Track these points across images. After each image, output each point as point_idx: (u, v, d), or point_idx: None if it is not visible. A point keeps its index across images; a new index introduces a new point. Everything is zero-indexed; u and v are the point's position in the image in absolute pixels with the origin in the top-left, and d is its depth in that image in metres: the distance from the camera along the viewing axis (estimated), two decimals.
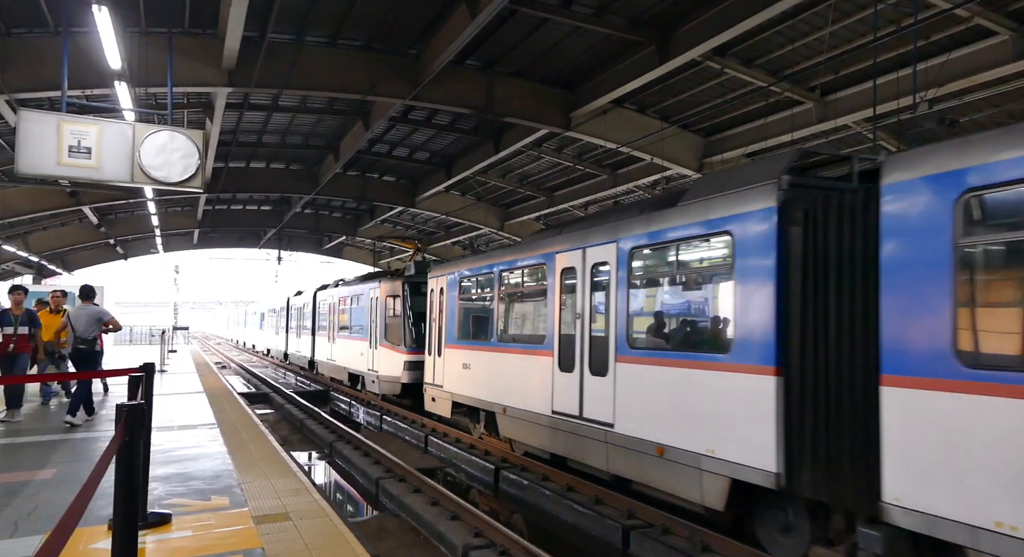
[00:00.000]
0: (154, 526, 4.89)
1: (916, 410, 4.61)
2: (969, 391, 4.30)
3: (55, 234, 29.20)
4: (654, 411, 7.14)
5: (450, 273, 12.53)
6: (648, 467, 7.19)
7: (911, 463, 4.61)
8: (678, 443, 6.72)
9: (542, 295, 9.46)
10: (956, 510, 4.33)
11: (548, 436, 9.16)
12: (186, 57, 11.88)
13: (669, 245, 7.16)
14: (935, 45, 10.52)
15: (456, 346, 12.06)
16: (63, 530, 1.66)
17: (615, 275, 7.82)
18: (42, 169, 7.06)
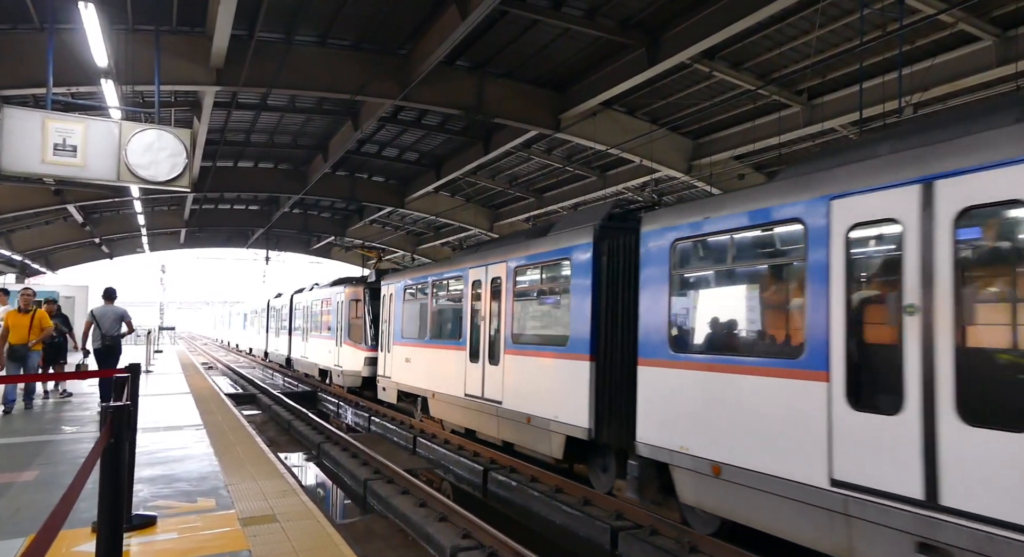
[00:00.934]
0: (139, 528, 4.84)
1: (650, 380, 6.96)
2: (675, 367, 6.65)
3: (39, 232, 28.87)
4: (526, 390, 9.42)
5: (398, 281, 14.75)
6: (522, 432, 9.44)
7: (647, 414, 7.01)
8: (538, 413, 9.04)
9: (459, 301, 11.56)
10: (664, 441, 6.76)
11: (462, 414, 11.28)
12: (174, 55, 11.78)
13: (537, 265, 9.47)
14: (920, 50, 10.65)
15: (401, 343, 14.28)
16: (48, 532, 1.63)
17: (505, 287, 10.04)
18: (26, 167, 6.96)
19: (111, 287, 11.47)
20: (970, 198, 4.30)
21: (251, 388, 22.92)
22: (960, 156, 4.37)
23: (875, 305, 5.06)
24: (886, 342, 4.88)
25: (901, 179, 4.71)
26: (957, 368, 4.28)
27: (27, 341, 10.47)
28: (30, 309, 10.73)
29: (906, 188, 4.67)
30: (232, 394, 19.71)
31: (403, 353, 14.08)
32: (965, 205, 4.32)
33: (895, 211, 4.75)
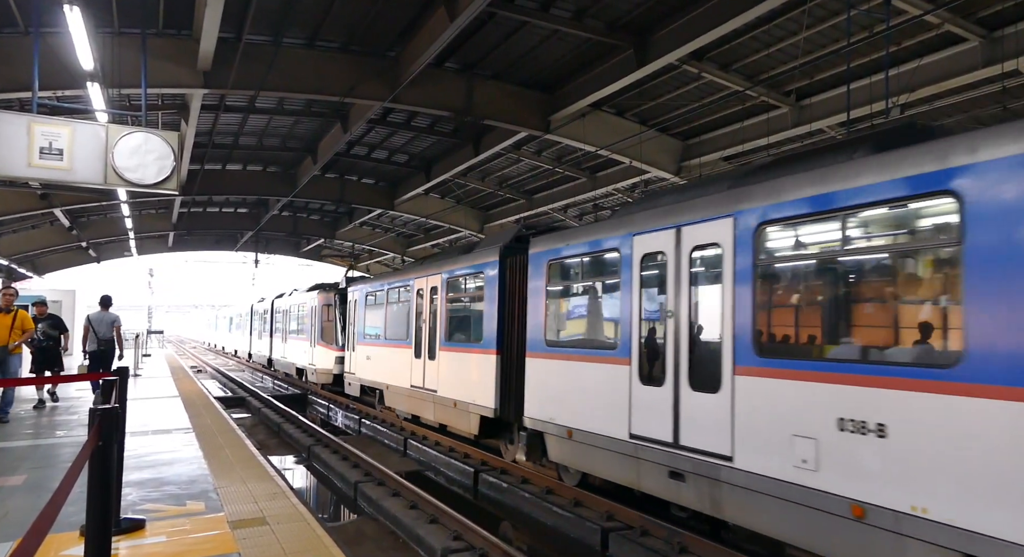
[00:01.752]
0: (127, 532, 4.81)
1: (533, 369, 9.01)
2: (547, 358, 8.68)
3: (25, 237, 28.59)
4: (454, 380, 11.37)
5: (360, 288, 16.79)
6: (450, 414, 11.38)
7: (531, 395, 9.02)
8: (461, 397, 11.00)
9: (407, 306, 13.47)
10: (541, 415, 8.78)
11: (409, 402, 13.21)
12: (160, 58, 11.71)
13: (462, 277, 11.52)
14: (906, 51, 10.75)
15: (362, 343, 16.22)
16: (35, 535, 1.62)
17: (440, 295, 12.05)
18: (12, 171, 6.90)
19: (107, 295, 12.58)
20: (696, 240, 6.47)
21: (240, 391, 22.80)
22: (692, 212, 6.56)
23: (652, 310, 7.17)
24: (658, 337, 6.98)
25: (666, 224, 6.88)
26: (690, 355, 6.48)
27: (7, 343, 9.99)
28: (11, 309, 10.24)
29: (668, 231, 6.84)
30: (221, 397, 19.60)
31: (364, 352, 16.03)
32: (694, 244, 6.49)
33: (663, 246, 6.90)
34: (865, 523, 4.72)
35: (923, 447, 4.43)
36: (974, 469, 4.12)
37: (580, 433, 7.96)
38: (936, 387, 4.36)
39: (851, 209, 5.07)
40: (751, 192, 5.95)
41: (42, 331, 11.34)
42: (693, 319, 6.51)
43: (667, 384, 6.66)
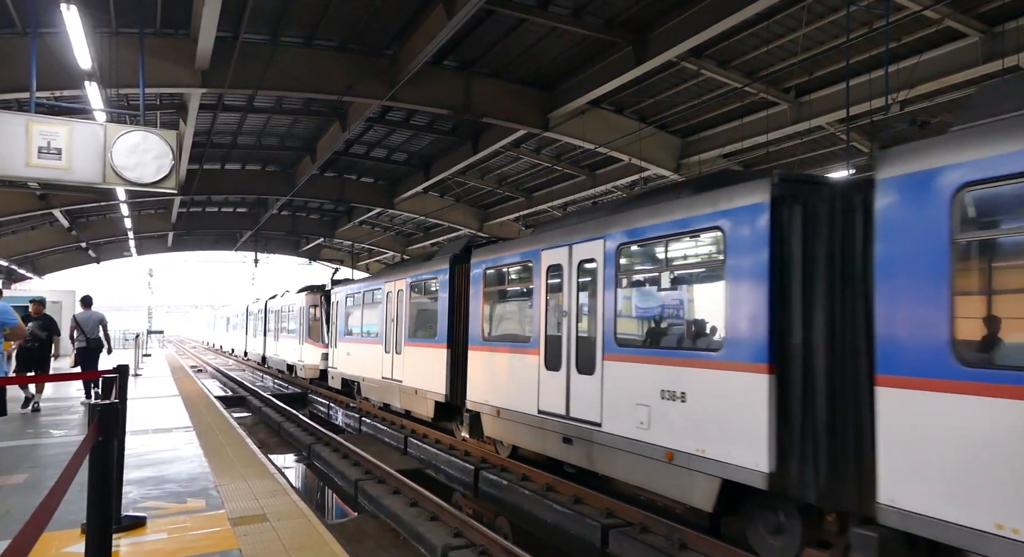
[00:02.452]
0: (128, 529, 4.82)
1: (473, 359, 10.57)
2: (482, 350, 10.37)
3: (24, 238, 28.59)
4: (416, 371, 12.78)
5: (342, 291, 18.22)
6: (413, 401, 12.88)
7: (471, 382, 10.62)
8: (420, 386, 12.46)
9: (379, 307, 14.95)
10: (478, 398, 10.41)
11: (381, 392, 14.67)
12: (158, 58, 11.71)
13: (422, 282, 12.94)
14: (906, 47, 10.73)
15: (344, 341, 17.62)
16: (33, 528, 1.62)
17: (405, 297, 13.59)
18: (10, 170, 6.88)
19: (88, 295, 12.68)
20: (581, 255, 8.18)
21: (241, 391, 22.80)
22: (580, 234, 8.24)
23: (554, 311, 8.79)
24: (558, 333, 8.56)
25: (563, 243, 8.56)
26: (576, 346, 8.18)
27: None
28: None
29: (564, 248, 8.53)
30: (221, 397, 19.60)
31: (345, 348, 17.50)
32: (580, 259, 8.19)
33: (561, 260, 8.58)
34: (673, 464, 6.52)
35: (704, 407, 6.26)
36: (729, 420, 5.95)
37: (506, 412, 9.67)
38: (712, 365, 6.20)
39: (670, 236, 6.94)
40: (615, 220, 7.72)
41: (31, 331, 10.51)
42: (579, 317, 8.28)
43: (562, 369, 8.45)
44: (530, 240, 9.46)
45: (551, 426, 8.51)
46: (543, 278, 8.90)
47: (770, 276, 5.69)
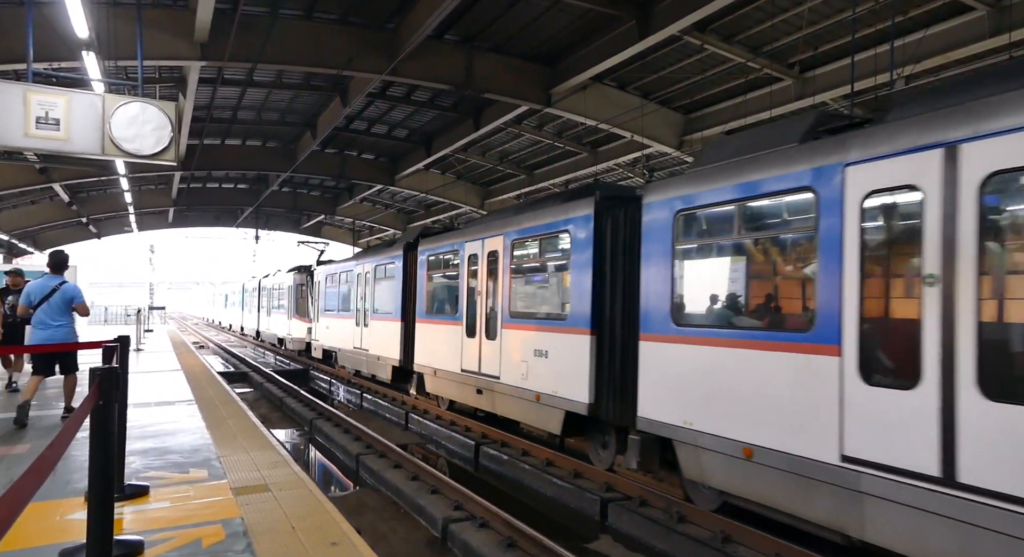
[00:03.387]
0: (131, 498, 4.87)
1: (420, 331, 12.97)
2: (425, 323, 12.75)
3: (24, 212, 28.52)
4: (378, 341, 15.10)
5: (323, 270, 20.58)
6: (376, 367, 15.21)
7: (418, 350, 12.93)
8: (382, 354, 14.83)
9: (352, 287, 17.34)
10: (422, 362, 12.99)
11: (354, 360, 17.00)
12: (156, 30, 11.57)
13: (384, 265, 15.15)
14: (913, 21, 10.57)
15: (324, 316, 20.04)
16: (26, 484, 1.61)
17: (371, 278, 15.83)
18: (8, 141, 6.83)
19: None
20: (489, 248, 10.45)
21: (242, 366, 22.93)
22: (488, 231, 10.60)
23: (472, 291, 10.91)
24: (475, 308, 10.83)
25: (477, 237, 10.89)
26: (486, 318, 10.44)
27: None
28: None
29: (478, 241, 10.79)
30: (223, 372, 19.72)
31: (325, 323, 19.82)
32: (489, 250, 10.42)
33: (476, 251, 10.87)
34: (540, 403, 8.91)
35: (557, 361, 8.63)
36: (569, 369, 8.34)
37: (441, 371, 12.04)
38: (562, 331, 8.58)
39: (541, 235, 9.32)
40: (512, 221, 9.98)
41: (11, 305, 9.77)
42: (488, 296, 10.48)
43: (476, 336, 10.79)
44: (458, 234, 11.85)
45: (470, 381, 10.94)
46: (465, 265, 11.24)
47: (594, 266, 8.04)
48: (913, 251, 4.74)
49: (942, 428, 4.39)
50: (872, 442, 4.82)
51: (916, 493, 4.49)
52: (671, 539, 6.53)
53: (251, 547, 4.04)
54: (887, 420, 4.74)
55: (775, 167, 5.78)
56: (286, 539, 4.21)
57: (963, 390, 4.31)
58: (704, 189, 6.45)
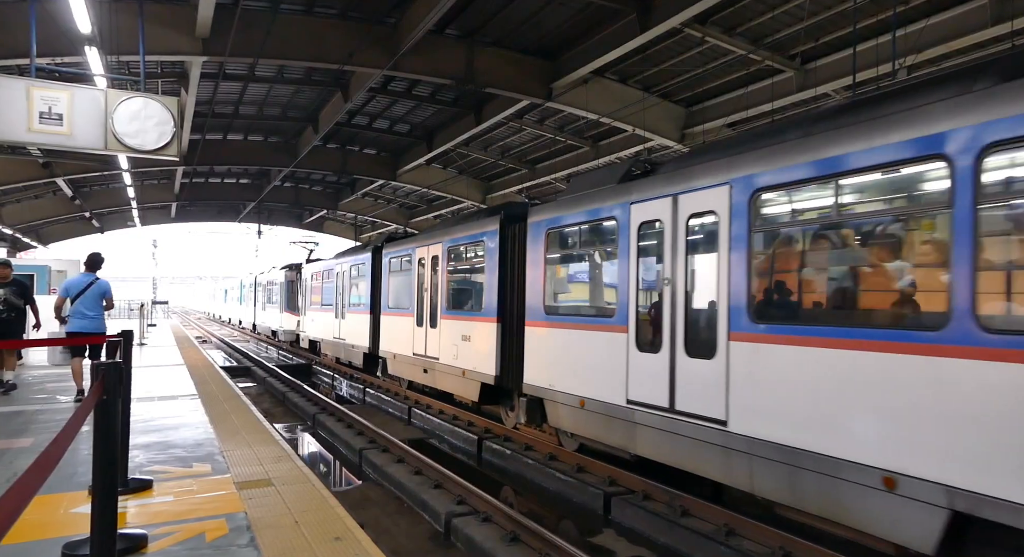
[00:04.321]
0: (135, 491, 4.90)
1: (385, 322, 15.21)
2: (389, 315, 14.98)
3: (28, 207, 28.59)
4: (352, 331, 17.40)
5: (309, 268, 22.80)
6: (351, 353, 17.43)
7: (383, 338, 15.27)
8: (355, 343, 17.10)
9: (333, 283, 19.33)
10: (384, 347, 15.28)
11: (334, 349, 19.23)
12: (158, 25, 11.57)
13: (357, 265, 17.35)
14: (914, 10, 10.52)
15: (310, 309, 22.33)
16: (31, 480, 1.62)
17: (347, 276, 18.21)
18: (12, 136, 6.85)
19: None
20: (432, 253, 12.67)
21: (246, 361, 22.98)
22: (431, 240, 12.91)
23: (422, 288, 12.96)
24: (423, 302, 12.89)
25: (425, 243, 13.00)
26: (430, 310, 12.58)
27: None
28: None
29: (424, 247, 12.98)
30: (227, 367, 19.77)
31: (311, 316, 22.19)
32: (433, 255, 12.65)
33: (424, 255, 12.90)
34: (466, 377, 11.01)
35: (476, 342, 10.72)
36: (484, 350, 10.48)
37: (399, 356, 14.14)
38: (479, 320, 10.66)
39: (467, 243, 11.48)
40: (450, 231, 12.11)
41: (3, 298, 9.29)
42: (432, 290, 12.61)
43: (424, 326, 12.90)
44: (412, 240, 14.19)
45: (419, 363, 13.11)
46: (415, 266, 13.36)
47: (500, 269, 10.27)
48: (658, 261, 7.02)
49: (670, 377, 6.72)
50: (645, 389, 7.07)
51: (657, 418, 6.88)
52: (674, 533, 6.54)
53: (255, 541, 4.06)
54: (647, 374, 7.03)
55: (598, 201, 8.04)
56: (289, 534, 4.23)
57: (679, 353, 6.62)
58: (562, 213, 8.72)
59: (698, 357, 6.38)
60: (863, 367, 4.81)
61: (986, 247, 4.26)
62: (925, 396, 4.45)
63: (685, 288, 6.63)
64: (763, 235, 5.89)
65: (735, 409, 5.94)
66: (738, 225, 5.94)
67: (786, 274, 5.92)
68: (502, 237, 10.27)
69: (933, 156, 4.49)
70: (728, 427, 6.01)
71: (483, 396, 10.66)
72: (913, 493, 4.47)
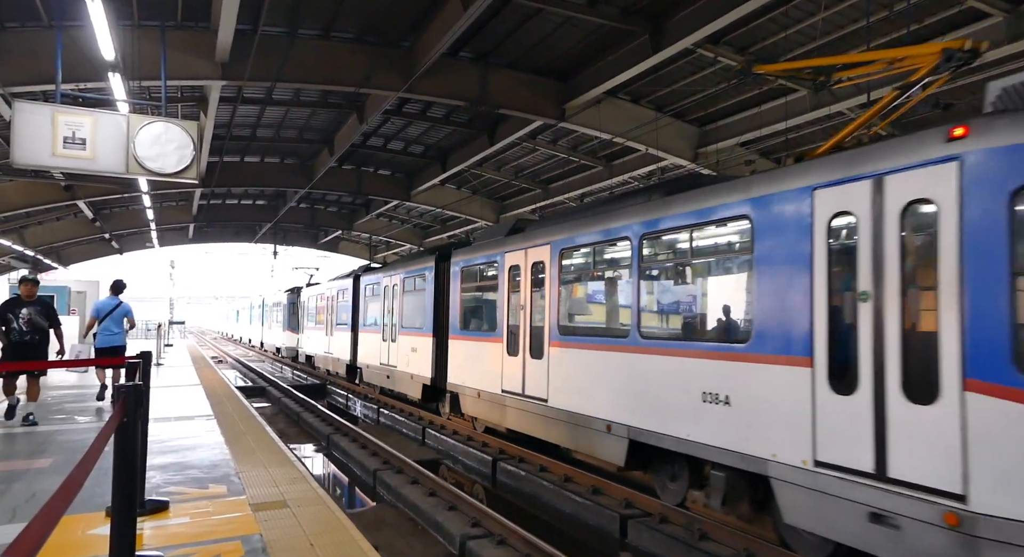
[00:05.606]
0: (152, 513, 4.91)
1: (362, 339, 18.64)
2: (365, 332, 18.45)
3: (50, 228, 29.07)
4: (340, 347, 20.35)
5: (308, 292, 26.33)
6: (337, 365, 20.87)
7: (361, 352, 18.52)
8: (339, 356, 20.52)
9: (326, 304, 22.44)
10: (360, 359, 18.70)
11: (324, 362, 22.69)
12: (179, 50, 11.82)
13: (341, 291, 20.61)
14: (928, 28, 10.52)
15: (306, 328, 25.98)
16: (57, 504, 1.65)
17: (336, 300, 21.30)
18: (37, 160, 7.01)
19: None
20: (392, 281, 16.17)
21: (260, 381, 23.07)
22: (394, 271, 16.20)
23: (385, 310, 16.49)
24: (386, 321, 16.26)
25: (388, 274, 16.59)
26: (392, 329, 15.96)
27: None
28: None
29: (388, 276, 16.47)
30: (242, 387, 19.85)
31: (308, 334, 25.69)
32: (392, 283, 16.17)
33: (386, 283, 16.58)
34: (412, 379, 14.09)
35: (419, 352, 13.81)
36: (423, 358, 13.61)
37: (370, 366, 17.34)
38: (420, 335, 13.86)
39: (415, 275, 14.49)
40: (405, 265, 15.47)
41: (26, 319, 8.58)
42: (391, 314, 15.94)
43: (387, 340, 15.98)
44: (380, 270, 17.49)
45: (383, 370, 16.18)
46: (383, 291, 16.63)
47: (435, 296, 13.26)
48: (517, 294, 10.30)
49: (522, 371, 9.88)
50: (511, 382, 10.22)
51: (515, 400, 9.99)
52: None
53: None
54: (510, 370, 10.22)
55: (489, 249, 11.27)
56: (305, 556, 4.21)
57: (527, 356, 9.77)
58: (469, 256, 11.93)
59: (536, 358, 9.56)
60: (600, 360, 8.15)
61: (643, 291, 7.62)
62: (620, 375, 7.71)
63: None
64: (565, 277, 9.20)
65: (552, 391, 9.10)
66: (554, 271, 9.23)
67: (574, 303, 9.33)
68: (436, 272, 13.29)
69: (623, 238, 7.85)
70: (548, 403, 9.17)
71: (425, 394, 13.67)
72: (617, 432, 7.74)
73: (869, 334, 4.86)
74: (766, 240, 5.75)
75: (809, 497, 5.16)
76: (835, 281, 5.22)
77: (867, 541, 4.80)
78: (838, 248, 5.23)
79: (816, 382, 5.16)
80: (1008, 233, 4.21)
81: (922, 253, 4.75)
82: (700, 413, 6.32)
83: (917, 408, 4.56)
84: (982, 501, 4.14)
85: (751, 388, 5.79)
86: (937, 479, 4.36)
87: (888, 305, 4.78)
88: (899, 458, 4.60)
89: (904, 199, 4.78)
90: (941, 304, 4.48)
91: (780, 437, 5.44)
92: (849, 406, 4.96)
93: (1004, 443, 4.12)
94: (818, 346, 5.22)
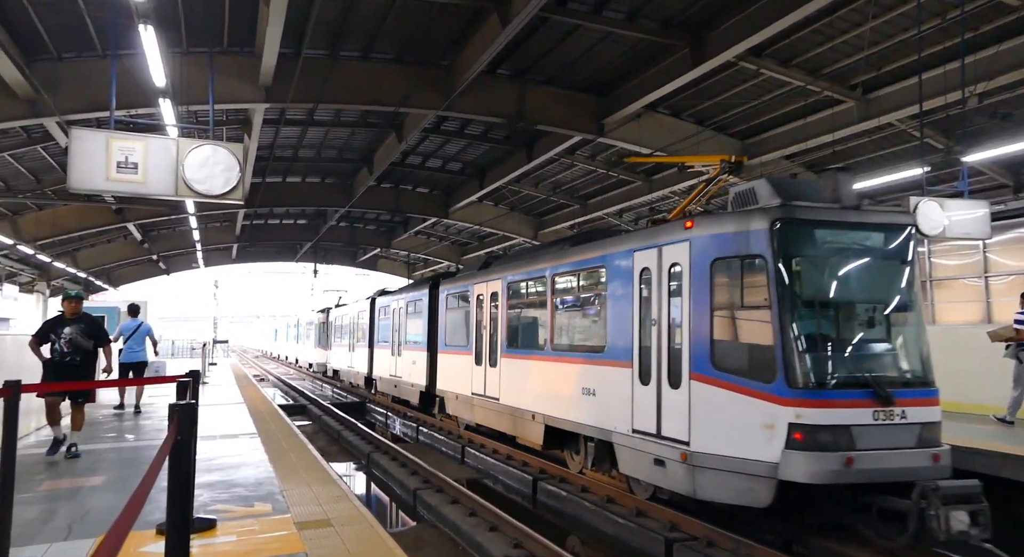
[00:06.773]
0: (200, 531, 4.92)
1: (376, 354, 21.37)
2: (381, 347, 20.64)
3: (101, 251, 30.08)
4: (359, 362, 22.80)
5: (331, 313, 29.31)
6: (358, 378, 23.10)
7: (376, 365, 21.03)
8: (360, 370, 22.66)
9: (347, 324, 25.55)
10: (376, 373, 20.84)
11: (348, 375, 24.96)
12: (225, 75, 12.15)
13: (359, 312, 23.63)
14: (983, 37, 10.17)
15: (334, 345, 28.27)
16: (120, 529, 1.64)
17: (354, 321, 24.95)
18: (92, 185, 7.21)
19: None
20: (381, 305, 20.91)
21: (301, 399, 23.33)
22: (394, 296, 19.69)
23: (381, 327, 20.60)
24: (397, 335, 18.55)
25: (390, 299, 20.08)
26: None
27: None
28: None
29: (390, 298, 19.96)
30: (283, 405, 20.08)
31: (335, 351, 28.13)
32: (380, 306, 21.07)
33: (385, 305, 20.14)
34: (412, 387, 16.53)
35: (416, 364, 16.30)
36: (419, 367, 16.13)
37: (382, 378, 19.57)
38: (417, 349, 16.41)
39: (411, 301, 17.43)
40: (405, 294, 18.34)
41: (68, 339, 7.66)
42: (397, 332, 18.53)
43: (395, 355, 18.21)
44: (392, 294, 19.61)
45: (392, 381, 18.30)
46: (392, 313, 18.90)
47: (429, 317, 15.76)
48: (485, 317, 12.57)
49: (483, 377, 12.18)
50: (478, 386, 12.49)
51: (481, 400, 12.24)
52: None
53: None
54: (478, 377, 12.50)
55: (464, 281, 13.81)
56: None
57: (486, 364, 12.18)
58: (452, 286, 14.50)
59: (492, 366, 11.98)
60: (529, 367, 10.63)
61: (557, 314, 10.05)
62: (540, 378, 10.21)
63: (489, 331, 12.26)
64: (511, 304, 11.54)
65: (503, 392, 11.41)
66: (503, 299, 11.71)
67: (516, 323, 11.47)
68: (430, 297, 15.75)
69: (542, 277, 10.36)
70: (500, 401, 11.48)
71: (421, 400, 15.88)
72: (539, 420, 10.09)
73: (655, 346, 7.62)
74: (612, 283, 8.50)
75: (630, 453, 7.97)
76: (643, 311, 7.95)
77: (653, 477, 7.72)
78: (643, 291, 7.97)
79: (633, 378, 7.94)
80: (710, 285, 6.91)
81: (675, 295, 7.39)
82: (582, 403, 9.04)
83: (672, 391, 7.29)
84: (696, 443, 6.92)
85: (605, 384, 8.51)
86: (678, 433, 7.16)
87: (662, 328, 7.55)
88: (666, 422, 7.33)
89: (669, 261, 7.50)
90: (682, 328, 7.19)
91: (618, 415, 8.20)
92: (647, 392, 7.73)
93: (706, 409, 6.93)
94: (634, 354, 8.01)
